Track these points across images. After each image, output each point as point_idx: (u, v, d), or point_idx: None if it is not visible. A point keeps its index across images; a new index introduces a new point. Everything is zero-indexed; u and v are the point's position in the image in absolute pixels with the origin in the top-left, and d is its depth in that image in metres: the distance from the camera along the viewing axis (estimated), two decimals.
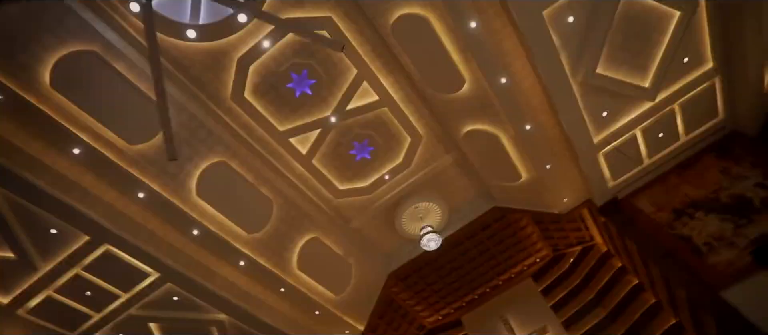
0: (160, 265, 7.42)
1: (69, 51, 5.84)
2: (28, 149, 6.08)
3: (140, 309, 8.16)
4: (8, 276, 7.30)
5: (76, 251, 7.09)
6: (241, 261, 8.06)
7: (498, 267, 11.47)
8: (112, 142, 6.48)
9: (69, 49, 5.84)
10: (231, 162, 7.41)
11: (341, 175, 8.68)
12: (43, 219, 6.65)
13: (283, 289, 8.71)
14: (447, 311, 12.18)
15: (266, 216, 8.10)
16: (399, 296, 11.27)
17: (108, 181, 6.68)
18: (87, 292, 7.71)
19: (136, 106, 6.39)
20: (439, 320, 12.32)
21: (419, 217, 9.26)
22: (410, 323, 12.00)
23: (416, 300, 11.52)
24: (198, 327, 8.67)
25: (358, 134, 8.06)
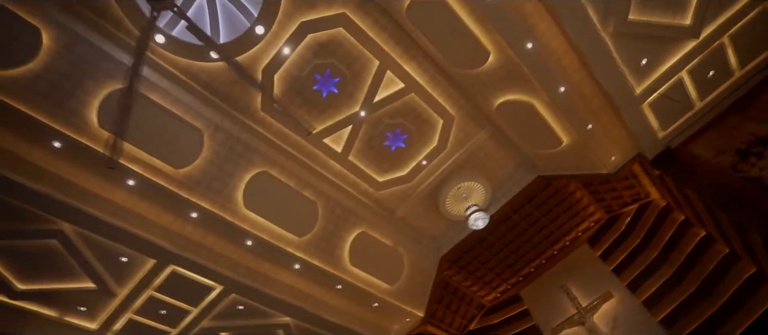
0: (221, 278, 7.73)
1: (109, 91, 6.16)
2: (88, 186, 6.48)
3: (211, 320, 8.54)
4: (92, 304, 7.88)
5: (146, 274, 7.54)
6: (296, 264, 8.22)
7: (550, 236, 11.08)
8: (160, 169, 6.75)
9: (109, 89, 6.16)
10: (271, 171, 7.55)
11: (379, 167, 8.66)
12: (113, 249, 7.11)
13: (339, 286, 8.82)
14: (504, 287, 11.93)
15: (313, 218, 8.21)
16: (453, 278, 11.15)
17: (162, 206, 7.00)
18: (162, 311, 8.17)
19: (176, 131, 6.64)
20: (498, 297, 12.09)
21: (463, 197, 9.08)
22: (469, 303, 11.85)
23: (471, 280, 11.35)
24: (265, 332, 8.96)
25: (389, 124, 7.99)
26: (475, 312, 12.03)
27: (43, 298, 7.61)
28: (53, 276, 7.40)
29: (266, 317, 8.75)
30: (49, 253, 7.03)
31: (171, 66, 6.47)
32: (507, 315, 11.81)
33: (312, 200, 8.11)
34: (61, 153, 6.16)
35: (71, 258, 7.16)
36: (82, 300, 7.82)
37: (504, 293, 12.04)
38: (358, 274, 8.98)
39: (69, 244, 6.96)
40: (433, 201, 9.29)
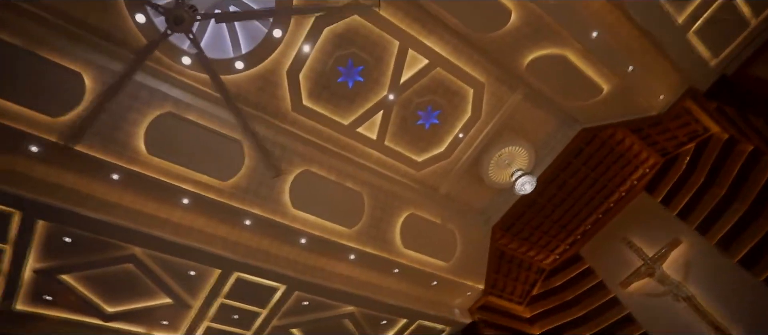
0: (282, 278, 7.93)
1: (151, 119, 6.44)
2: (148, 210, 6.83)
3: (280, 319, 8.82)
4: (173, 317, 8.36)
5: (215, 284, 7.86)
6: (351, 255, 8.30)
7: (603, 190, 10.52)
8: (209, 184, 6.99)
9: (150, 117, 6.45)
10: (312, 168, 7.64)
11: (416, 147, 8.54)
12: (181, 264, 7.46)
13: (396, 270, 8.83)
14: (562, 248, 11.50)
15: (359, 207, 8.24)
16: (509, 247, 10.88)
17: (218, 218, 7.25)
18: (234, 316, 8.53)
19: (217, 145, 6.86)
20: (557, 259, 11.68)
21: (506, 164, 8.79)
22: (528, 269, 11.54)
23: (527, 246, 11.03)
24: (332, 323, 9.15)
25: (420, 103, 7.84)
26: (535, 277, 11.70)
27: (130, 317, 8.16)
28: (135, 296, 7.91)
29: (331, 309, 8.93)
30: (127, 276, 7.50)
31: (201, 84, 6.66)
32: (569, 276, 11.39)
33: (356, 190, 8.14)
34: (119, 183, 6.52)
35: (146, 278, 7.61)
36: (163, 315, 8.32)
37: (563, 254, 11.61)
38: (413, 256, 8.95)
39: (142, 266, 7.39)
40: (476, 172, 9.06)
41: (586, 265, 11.20)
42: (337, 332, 9.48)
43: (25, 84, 5.69)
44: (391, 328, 9.67)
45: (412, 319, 9.44)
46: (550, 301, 11.45)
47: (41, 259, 6.99)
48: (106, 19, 6.05)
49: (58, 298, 7.63)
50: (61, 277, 7.25)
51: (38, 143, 5.90)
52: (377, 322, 9.45)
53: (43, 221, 6.45)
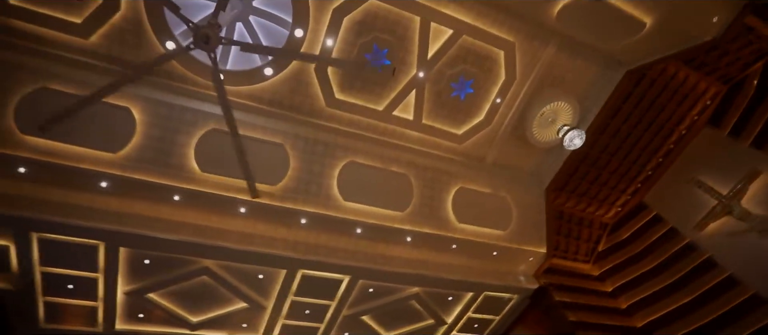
0: (345, 269, 8.03)
1: (197, 138, 6.70)
2: (211, 223, 7.14)
3: (349, 308, 8.96)
4: (251, 320, 8.73)
5: (283, 284, 8.09)
6: (407, 237, 8.25)
7: (661, 131, 9.72)
8: (263, 191, 7.11)
9: (197, 137, 6.70)
10: (356, 159, 7.64)
11: (455, 120, 8.29)
12: (250, 270, 7.75)
13: (454, 246, 8.68)
14: (623, 200, 10.78)
15: (408, 189, 8.16)
16: (566, 206, 10.37)
17: (275, 221, 7.44)
18: (306, 311, 8.77)
19: (261, 152, 7.01)
20: (619, 212, 10.98)
21: (550, 121, 8.34)
22: (590, 226, 10.95)
23: (585, 202, 10.45)
24: (400, 306, 9.18)
25: (451, 74, 7.59)
26: (599, 233, 11.09)
27: (214, 324, 8.62)
28: (214, 304, 8.33)
29: (396, 292, 8.95)
30: (204, 287, 7.91)
31: (236, 97, 6.84)
32: (636, 227, 10.66)
33: (402, 173, 8.06)
34: (181, 203, 6.85)
35: (221, 286, 7.98)
36: (241, 318, 8.71)
37: (625, 206, 10.90)
38: (469, 229, 8.74)
39: (216, 276, 7.75)
40: (520, 135, 8.66)
41: (653, 213, 10.46)
42: (405, 314, 9.51)
43: (83, 126, 6.07)
44: (458, 303, 9.57)
45: (477, 292, 9.29)
46: (618, 256, 10.82)
47: (129, 282, 7.52)
48: (141, 54, 6.34)
49: (149, 315, 8.20)
50: (148, 296, 7.77)
51: (106, 179, 6.33)
52: (444, 300, 9.39)
53: (123, 248, 6.94)
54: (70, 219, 6.30)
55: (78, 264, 6.99)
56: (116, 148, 6.28)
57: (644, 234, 10.54)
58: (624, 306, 10.37)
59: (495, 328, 10.34)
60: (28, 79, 5.90)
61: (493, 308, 9.81)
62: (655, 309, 9.93)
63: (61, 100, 6.00)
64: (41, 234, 6.47)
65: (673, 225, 10.03)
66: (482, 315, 9.88)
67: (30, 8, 5.82)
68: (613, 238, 11.01)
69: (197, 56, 6.27)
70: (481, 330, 10.36)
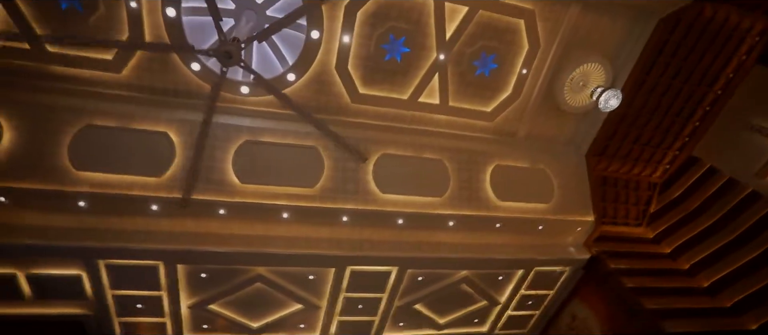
0: (391, 260, 7.95)
1: (233, 152, 6.81)
2: (257, 232, 7.25)
3: (401, 299, 8.88)
4: (307, 320, 8.82)
5: (333, 282, 8.11)
6: (449, 222, 8.04)
7: (704, 78, 8.95)
8: (301, 194, 7.16)
9: (232, 151, 6.81)
10: (387, 151, 7.52)
11: (482, 98, 7.97)
12: (300, 272, 7.83)
13: (498, 225, 8.39)
14: (671, 156, 10.02)
15: (444, 174, 7.95)
16: (609, 170, 9.77)
17: (318, 222, 7.44)
18: (359, 306, 8.77)
19: (296, 157, 7.04)
20: (668, 169, 10.22)
21: (581, 85, 7.87)
22: (637, 189, 10.27)
23: (630, 164, 9.81)
24: (451, 290, 9.00)
25: (473, 52, 7.28)
26: (648, 194, 10.40)
27: (273, 328, 8.78)
28: (271, 309, 8.49)
29: (445, 278, 8.79)
30: (260, 293, 8.07)
31: (265, 107, 6.90)
32: (689, 183, 9.91)
33: (436, 159, 7.86)
34: (227, 216, 6.99)
35: (276, 291, 8.12)
36: (298, 319, 8.84)
37: (673, 162, 10.13)
38: (511, 206, 8.40)
39: (269, 282, 7.88)
40: (552, 104, 8.21)
41: (707, 166, 9.67)
42: (457, 298, 9.33)
43: (128, 155, 6.31)
44: (509, 282, 9.28)
45: (527, 268, 8.95)
46: (672, 215, 10.09)
47: (190, 296, 7.80)
48: (170, 79, 6.53)
49: (213, 325, 8.47)
50: (210, 307, 8.02)
51: (156, 202, 6.55)
52: (494, 280, 9.12)
53: (180, 265, 7.19)
54: (129, 244, 6.58)
55: (143, 285, 7.32)
56: (160, 171, 6.48)
57: (699, 189, 9.79)
58: (686, 267, 9.68)
59: (550, 303, 9.96)
60: (73, 119, 6.20)
61: (546, 283, 9.44)
62: (721, 266, 9.17)
63: (106, 134, 6.30)
64: (107, 261, 6.81)
65: (731, 176, 9.26)
66: (535, 291, 9.53)
67: (66, 53, 6.11)
68: (664, 198, 10.32)
69: (215, 67, 6.36)
70: (536, 306, 10.01)
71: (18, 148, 6.01)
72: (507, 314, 9.96)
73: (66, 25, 5.90)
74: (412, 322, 9.58)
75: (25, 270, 6.78)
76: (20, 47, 5.93)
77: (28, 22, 5.80)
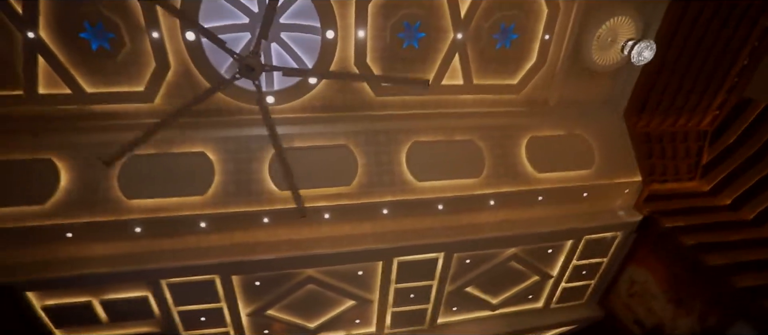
0: (437, 247, 7.77)
1: (268, 161, 6.87)
2: (302, 235, 7.27)
3: (451, 284, 8.69)
4: (362, 315, 8.84)
5: (382, 275, 8.07)
6: (490, 201, 7.76)
7: (749, 12, 7.99)
8: (339, 193, 7.11)
9: (266, 160, 6.88)
10: (418, 138, 7.34)
11: (506, 71, 7.60)
12: (348, 269, 7.81)
13: (540, 198, 8.01)
14: (719, 100, 9.16)
15: (478, 154, 7.66)
16: (652, 126, 9.10)
17: (359, 218, 7.38)
18: (411, 295, 8.67)
19: (329, 157, 7.02)
20: (718, 115, 9.37)
21: (609, 42, 7.33)
22: (685, 140, 9.50)
23: (673, 116, 9.07)
24: (501, 270, 8.71)
25: (490, 26, 6.93)
26: (698, 145, 9.60)
27: (330, 326, 8.84)
28: (325, 308, 8.53)
29: (493, 257, 8.51)
30: (313, 294, 8.12)
31: (291, 113, 6.91)
32: (743, 126, 9.05)
33: (467, 140, 7.59)
34: (271, 224, 7.06)
35: (327, 290, 8.14)
36: (353, 315, 8.84)
37: (723, 106, 9.28)
38: (551, 177, 7.97)
39: (320, 282, 7.91)
40: (581, 65, 7.70)
41: (762, 106, 8.83)
42: (508, 277, 9.01)
43: (171, 178, 6.50)
44: (560, 254, 8.86)
45: (577, 238, 8.51)
46: (727, 164, 9.26)
47: (248, 304, 7.96)
48: None
49: (273, 330, 8.64)
50: (267, 313, 8.17)
51: (203, 219, 6.71)
52: (543, 254, 8.74)
53: (234, 276, 7.35)
54: (184, 262, 6.77)
55: (203, 298, 7.54)
56: (204, 189, 6.62)
57: (756, 131, 8.94)
58: (750, 217, 8.86)
59: (605, 271, 9.45)
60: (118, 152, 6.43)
61: (599, 250, 8.94)
62: None
63: (149, 162, 6.52)
64: (168, 280, 7.06)
65: None
66: (588, 260, 9.05)
67: (103, 91, 6.36)
68: (717, 146, 9.51)
69: (244, 86, 6.42)
70: (590, 276, 9.53)
71: (74, 186, 6.32)
72: (561, 287, 9.54)
73: (98, 64, 6.14)
74: (466, 305, 9.37)
75: (98, 297, 7.15)
76: (62, 93, 6.23)
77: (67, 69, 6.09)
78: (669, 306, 8.57)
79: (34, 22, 5.66)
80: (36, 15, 5.55)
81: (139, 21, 5.79)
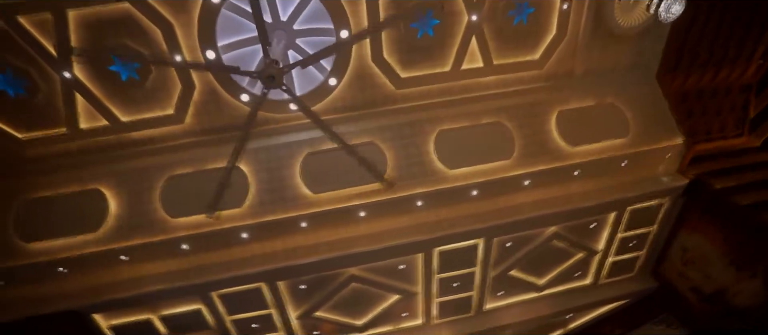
0: (476, 233, 7.55)
1: (298, 167, 6.86)
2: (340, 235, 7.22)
3: (495, 268, 8.42)
4: (408, 308, 8.74)
5: (424, 266, 7.93)
6: (524, 181, 7.44)
7: None
8: (371, 190, 6.99)
9: (297, 166, 6.87)
10: (444, 126, 7.12)
11: (526, 47, 7.24)
12: (390, 264, 7.73)
13: (576, 172, 7.59)
14: (762, 49, 8.30)
15: (507, 135, 7.35)
16: (689, 84, 8.38)
17: (394, 213, 7.25)
18: (455, 284, 8.46)
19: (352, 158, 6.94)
20: (762, 64, 8.53)
21: (632, 4, 6.83)
22: (729, 93, 8.69)
23: (711, 71, 8.31)
24: (543, 250, 8.36)
25: (505, 4, 6.60)
26: (744, 97, 8.75)
27: (378, 322, 8.78)
28: (371, 304, 8.48)
29: (534, 238, 8.17)
30: (358, 292, 8.08)
31: None
32: None
33: (494, 122, 7.30)
34: (309, 228, 7.05)
35: (371, 287, 8.08)
36: (400, 309, 8.73)
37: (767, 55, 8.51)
38: (585, 150, 7.53)
39: (363, 280, 7.87)
40: (604, 31, 7.18)
41: None
42: (552, 256, 8.63)
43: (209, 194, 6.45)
44: (604, 228, 8.39)
45: (620, 210, 8.02)
46: None
47: (296, 308, 8.01)
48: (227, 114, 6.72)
49: (323, 329, 8.66)
50: (315, 314, 8.19)
51: (244, 230, 6.77)
52: (585, 229, 8.30)
53: (280, 281, 7.39)
54: (231, 273, 6.87)
55: (253, 306, 7.64)
56: (241, 202, 6.69)
57: None
58: None
59: (654, 240, 8.86)
60: (157, 175, 6.64)
61: (645, 220, 8.40)
62: None
63: (187, 180, 6.64)
64: (218, 292, 7.19)
65: None
66: (635, 231, 8.53)
67: (137, 118, 6.54)
68: (764, 97, 8.71)
69: (257, 89, 6.42)
70: (639, 247, 8.96)
71: (123, 212, 6.53)
72: (609, 261, 9.05)
73: (129, 94, 6.32)
74: (512, 289, 9.06)
75: (157, 313, 7.38)
76: (101, 125, 6.46)
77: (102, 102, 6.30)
78: (729, 269, 7.92)
79: (68, 62, 5.89)
80: (69, 55, 5.76)
81: (161, 47, 5.89)
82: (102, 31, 5.72)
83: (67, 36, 5.65)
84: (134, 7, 5.62)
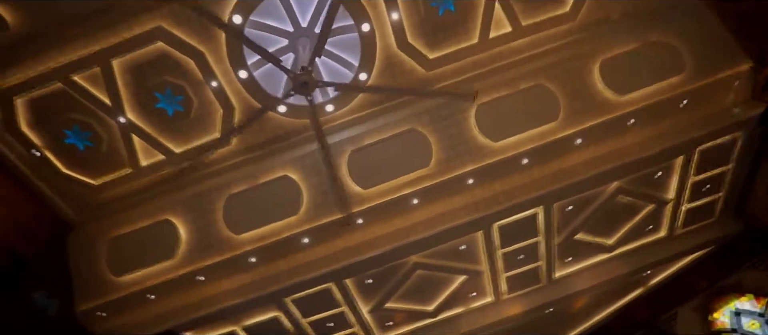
0: (534, 202, 7.12)
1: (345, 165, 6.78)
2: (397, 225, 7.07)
3: (559, 235, 7.94)
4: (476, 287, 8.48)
5: (485, 244, 7.64)
6: (576, 140, 6.85)
7: None
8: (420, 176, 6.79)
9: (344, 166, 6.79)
10: (481, 100, 6.71)
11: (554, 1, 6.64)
12: (450, 246, 7.52)
13: (631, 121, 6.86)
14: None
15: (549, 96, 6.78)
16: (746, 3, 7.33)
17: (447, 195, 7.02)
18: (520, 256, 8.09)
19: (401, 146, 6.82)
20: None
21: None
22: None
23: None
24: (608, 208, 7.74)
25: None
26: None
27: (449, 305, 8.58)
28: (439, 288, 8.31)
29: (596, 197, 7.57)
30: (424, 278, 7.94)
31: (352, 114, 6.78)
32: None
33: (533, 85, 6.78)
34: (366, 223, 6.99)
35: (436, 272, 7.91)
36: (468, 289, 8.46)
37: None
38: (638, 96, 6.75)
39: (426, 266, 7.71)
40: None
41: None
42: (619, 213, 7.99)
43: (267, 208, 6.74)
44: (671, 174, 7.59)
45: (687, 152, 7.19)
46: None
47: (366, 303, 7.99)
48: (268, 128, 6.77)
49: (396, 320, 8.60)
50: (386, 306, 8.13)
51: (304, 235, 6.80)
52: (650, 180, 7.54)
53: (347, 279, 7.39)
54: (300, 277, 6.94)
55: (326, 306, 7.72)
56: (297, 209, 6.74)
57: None
58: None
59: (734, 179, 7.89)
60: (217, 196, 6.83)
61: (720, 159, 7.52)
62: None
63: (244, 197, 6.79)
64: (291, 297, 7.31)
65: None
66: (709, 172, 7.66)
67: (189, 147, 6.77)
68: None
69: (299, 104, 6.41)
70: (716, 189, 8.03)
71: (193, 235, 6.80)
72: (683, 209, 8.20)
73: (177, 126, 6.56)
74: (580, 253, 8.50)
75: (239, 325, 7.67)
76: (158, 160, 6.77)
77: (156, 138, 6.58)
78: None
79: (121, 108, 6.19)
80: (120, 101, 6.06)
81: (197, 76, 6.04)
82: (142, 73, 5.97)
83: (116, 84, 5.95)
84: (166, 45, 5.81)
